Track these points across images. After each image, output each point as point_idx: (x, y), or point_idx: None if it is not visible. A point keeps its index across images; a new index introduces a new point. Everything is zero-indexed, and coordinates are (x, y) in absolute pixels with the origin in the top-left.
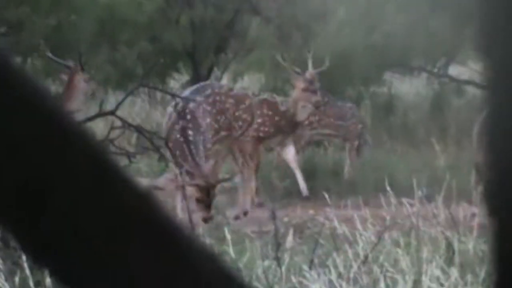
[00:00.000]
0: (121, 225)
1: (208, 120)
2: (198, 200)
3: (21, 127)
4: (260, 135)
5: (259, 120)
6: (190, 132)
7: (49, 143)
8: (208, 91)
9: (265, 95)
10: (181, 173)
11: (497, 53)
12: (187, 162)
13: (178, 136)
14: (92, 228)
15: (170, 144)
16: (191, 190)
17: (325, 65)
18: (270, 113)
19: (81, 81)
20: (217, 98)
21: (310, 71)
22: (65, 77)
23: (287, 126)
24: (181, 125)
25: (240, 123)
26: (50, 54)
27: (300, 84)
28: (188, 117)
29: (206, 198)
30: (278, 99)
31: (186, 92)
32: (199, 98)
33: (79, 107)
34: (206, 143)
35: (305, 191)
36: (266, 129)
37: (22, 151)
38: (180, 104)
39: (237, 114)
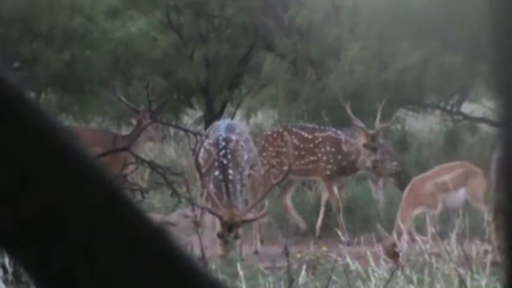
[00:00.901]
0: (134, 259)
1: (245, 157)
2: (219, 236)
3: (35, 159)
4: (327, 174)
5: (324, 158)
6: (230, 171)
7: (63, 176)
8: (239, 129)
9: (329, 132)
10: (193, 210)
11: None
12: (222, 200)
13: (217, 173)
14: (105, 262)
15: (207, 179)
16: (215, 225)
17: (391, 121)
18: (333, 150)
19: (149, 127)
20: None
21: (376, 128)
22: (134, 121)
23: (349, 168)
24: (221, 162)
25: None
26: (122, 98)
27: (362, 139)
28: (229, 155)
29: (227, 235)
30: (343, 136)
31: (221, 130)
32: (233, 137)
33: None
34: (243, 181)
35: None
36: (333, 167)
37: (35, 183)
38: (222, 141)
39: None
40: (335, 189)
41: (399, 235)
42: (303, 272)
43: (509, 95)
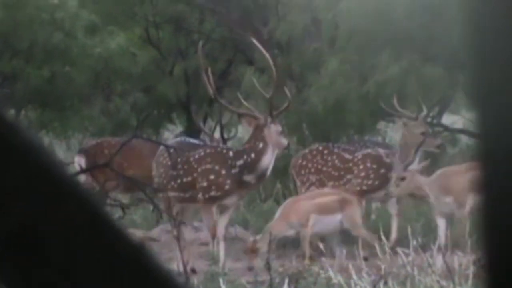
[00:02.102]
0: (115, 275)
1: None
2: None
3: (14, 178)
4: (363, 188)
5: (362, 174)
6: None
7: (42, 194)
8: None
9: (368, 150)
10: (174, 225)
11: (489, 102)
12: None
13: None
14: (86, 280)
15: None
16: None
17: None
18: (374, 166)
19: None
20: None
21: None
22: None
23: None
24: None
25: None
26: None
27: (418, 128)
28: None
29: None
30: (382, 151)
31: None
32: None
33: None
34: None
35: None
36: (370, 182)
37: (15, 201)
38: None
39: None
40: None
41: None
42: (285, 286)
43: (485, 105)
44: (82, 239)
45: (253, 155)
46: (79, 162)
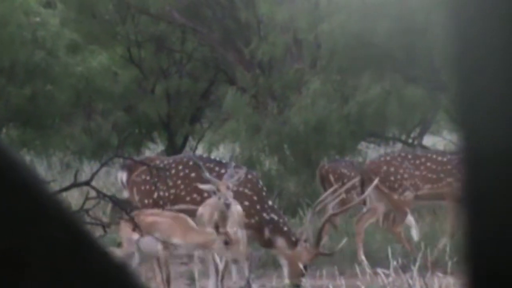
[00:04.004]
0: None
1: None
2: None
3: None
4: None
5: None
6: None
7: (23, 213)
8: None
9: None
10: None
11: (471, 123)
12: None
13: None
14: None
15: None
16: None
17: None
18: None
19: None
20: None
21: None
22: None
23: None
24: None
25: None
26: None
27: None
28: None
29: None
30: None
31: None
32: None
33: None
34: None
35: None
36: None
37: None
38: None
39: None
40: None
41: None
42: None
43: (468, 126)
44: (62, 258)
45: None
46: (121, 177)
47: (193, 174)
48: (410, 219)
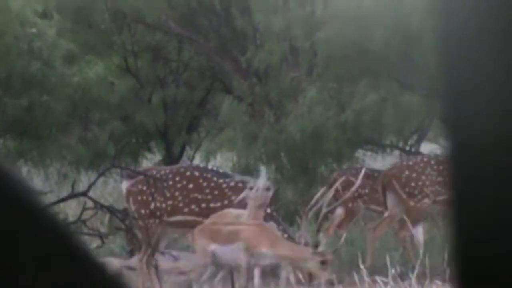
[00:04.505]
0: None
1: None
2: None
3: None
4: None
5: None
6: None
7: (14, 225)
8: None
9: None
10: (152, 254)
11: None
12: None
13: None
14: None
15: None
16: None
17: None
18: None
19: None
20: None
21: None
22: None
23: None
24: None
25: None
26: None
27: None
28: None
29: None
30: None
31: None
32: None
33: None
34: None
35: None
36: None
37: None
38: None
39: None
40: None
41: None
42: None
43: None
44: (56, 270)
45: None
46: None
47: (191, 185)
48: (420, 230)
